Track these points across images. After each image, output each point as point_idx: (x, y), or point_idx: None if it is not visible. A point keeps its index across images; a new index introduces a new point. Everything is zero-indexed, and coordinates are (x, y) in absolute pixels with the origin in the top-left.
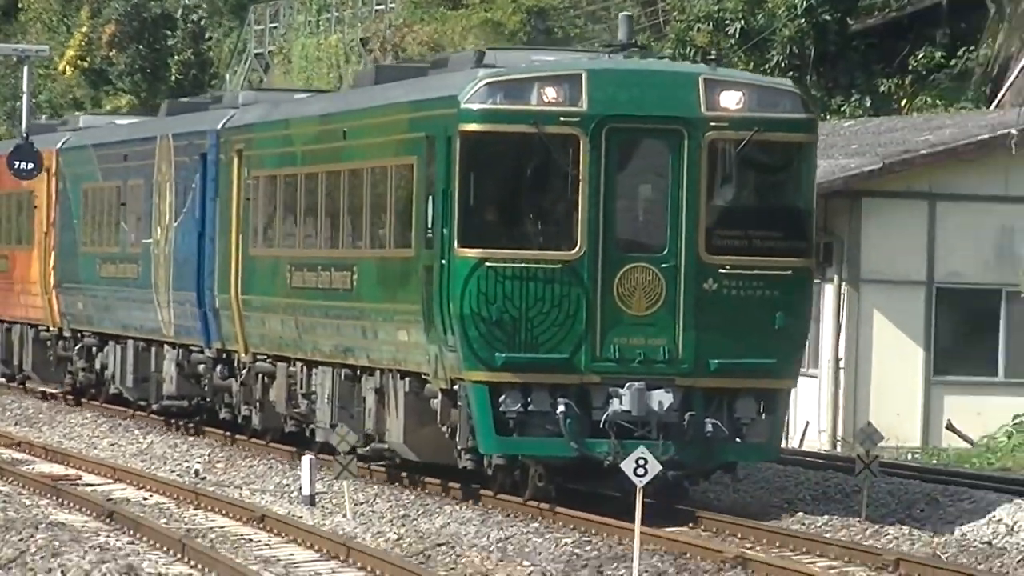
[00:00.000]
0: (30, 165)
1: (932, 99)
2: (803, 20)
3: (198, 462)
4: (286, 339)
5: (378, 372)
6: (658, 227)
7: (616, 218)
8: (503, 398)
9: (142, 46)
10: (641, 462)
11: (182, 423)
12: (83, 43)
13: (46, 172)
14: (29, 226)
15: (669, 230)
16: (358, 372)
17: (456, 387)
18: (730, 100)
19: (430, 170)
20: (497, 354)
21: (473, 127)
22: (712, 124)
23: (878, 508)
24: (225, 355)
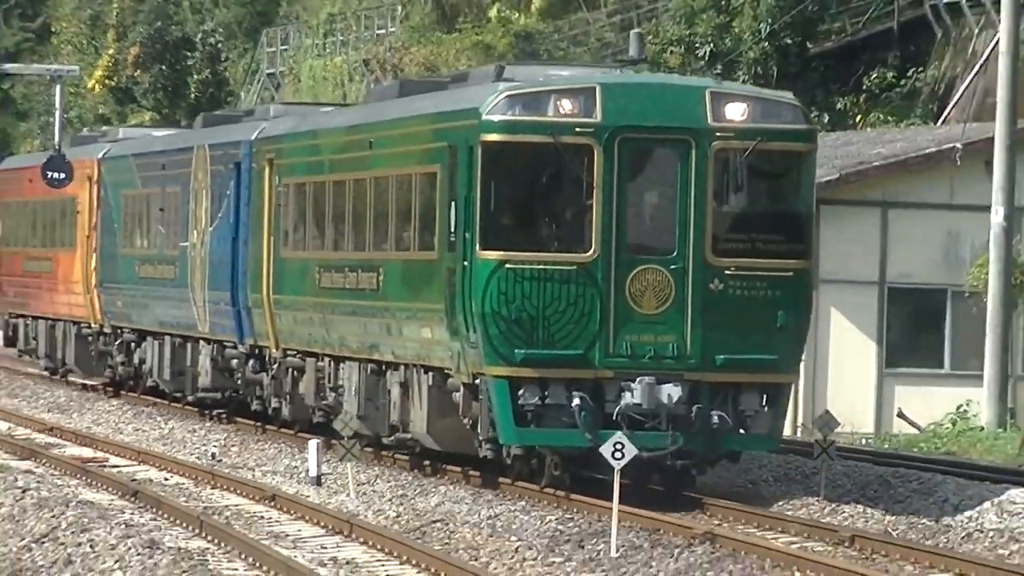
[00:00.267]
0: (62, 175)
1: (884, 116)
2: (767, 44)
3: (214, 446)
4: (315, 336)
5: (403, 367)
6: (667, 231)
7: (628, 222)
8: (522, 392)
9: (164, 66)
10: (619, 447)
11: (207, 412)
12: (110, 64)
13: (88, 180)
14: (72, 230)
15: (678, 234)
16: (383, 367)
17: (477, 381)
18: (735, 112)
19: (453, 177)
20: (516, 350)
21: (494, 137)
22: (718, 134)
23: (835, 489)
24: (257, 351)
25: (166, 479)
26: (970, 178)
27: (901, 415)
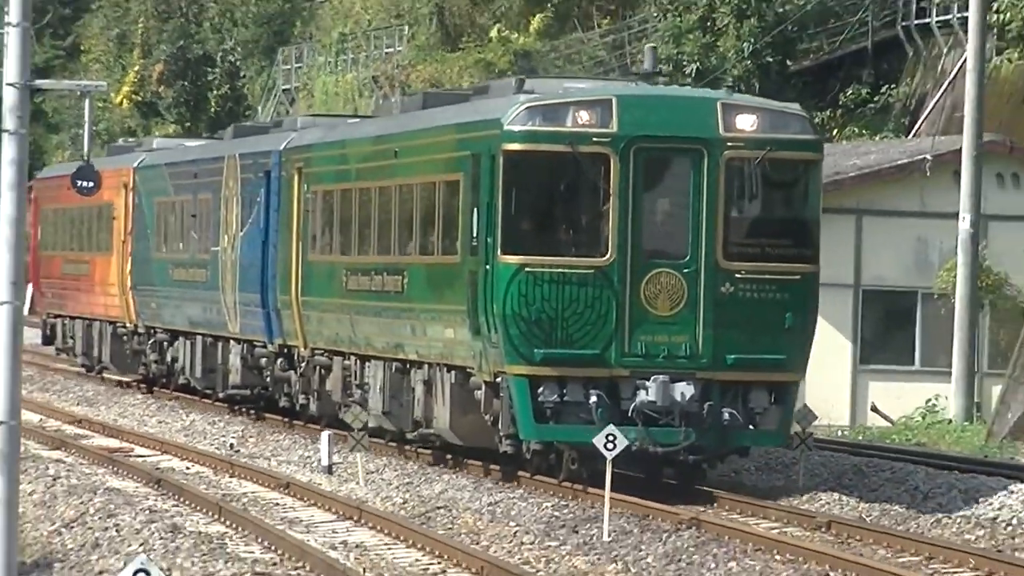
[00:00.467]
0: (90, 183)
1: (859, 129)
2: (749, 62)
3: (233, 437)
4: (342, 335)
5: (426, 366)
6: (680, 236)
7: (643, 228)
8: (541, 389)
9: (186, 82)
10: (611, 438)
11: (233, 407)
12: (136, 80)
13: (124, 187)
14: (108, 235)
15: (690, 239)
16: (407, 365)
17: (498, 379)
18: (745, 122)
19: (475, 185)
20: (536, 350)
21: (515, 146)
22: (729, 144)
23: (813, 478)
24: (285, 350)
25: (187, 468)
26: (939, 187)
27: (875, 409)
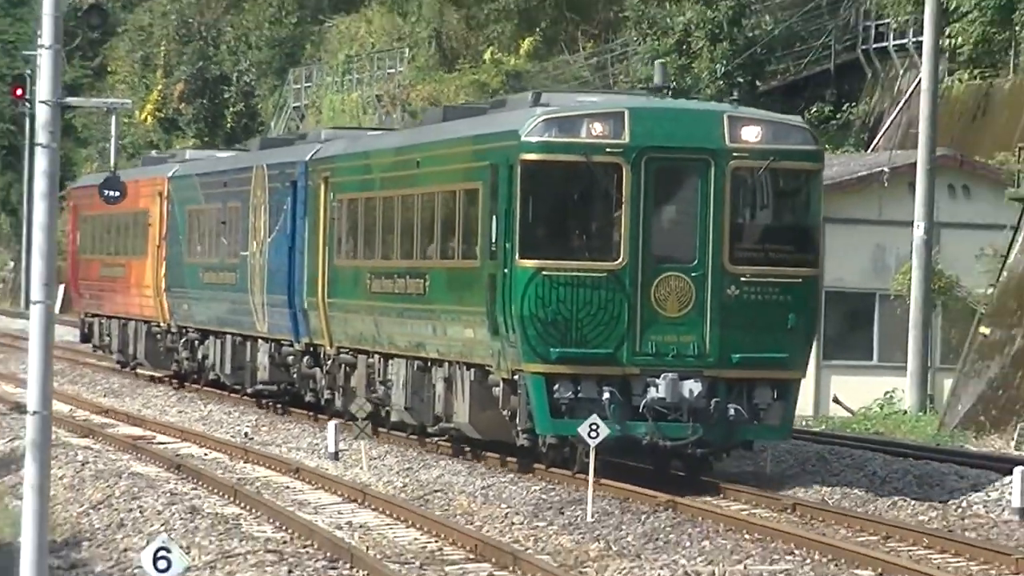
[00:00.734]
0: (116, 193)
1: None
2: (722, 82)
3: (247, 426)
4: (366, 335)
5: (447, 364)
6: (689, 241)
7: (653, 234)
8: (556, 386)
9: (205, 100)
10: (594, 427)
11: (266, 401)
12: (158, 98)
13: (159, 196)
14: (144, 240)
15: (698, 244)
16: (429, 363)
17: (516, 377)
18: (750, 134)
19: (494, 193)
20: (552, 349)
21: (532, 156)
22: (735, 154)
23: (779, 464)
24: (311, 348)
25: (205, 454)
26: (895, 198)
27: (836, 400)
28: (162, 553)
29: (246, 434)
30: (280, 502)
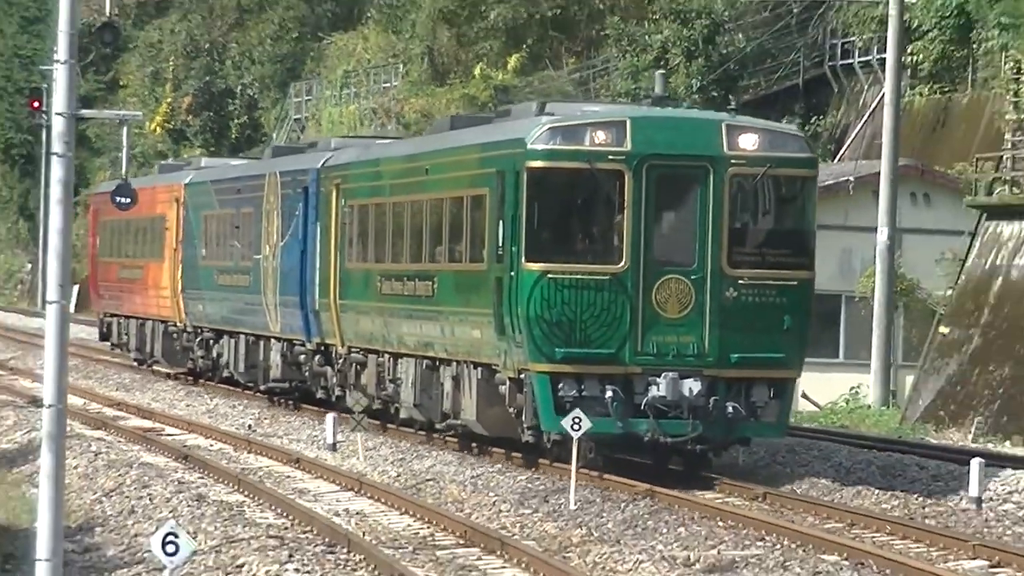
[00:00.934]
0: (127, 199)
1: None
2: (697, 96)
3: (250, 419)
4: (376, 335)
5: (454, 363)
6: (688, 245)
7: (654, 238)
8: (561, 385)
9: (211, 112)
10: (576, 420)
11: (277, 398)
12: (167, 110)
13: (175, 201)
14: (161, 244)
15: (697, 248)
16: (437, 362)
17: (522, 376)
18: (747, 142)
19: (500, 199)
20: (557, 349)
21: (537, 163)
22: (733, 162)
23: (751, 455)
24: (323, 347)
25: (211, 445)
26: (860, 205)
27: (805, 396)
28: (170, 538)
29: (249, 427)
30: (281, 490)
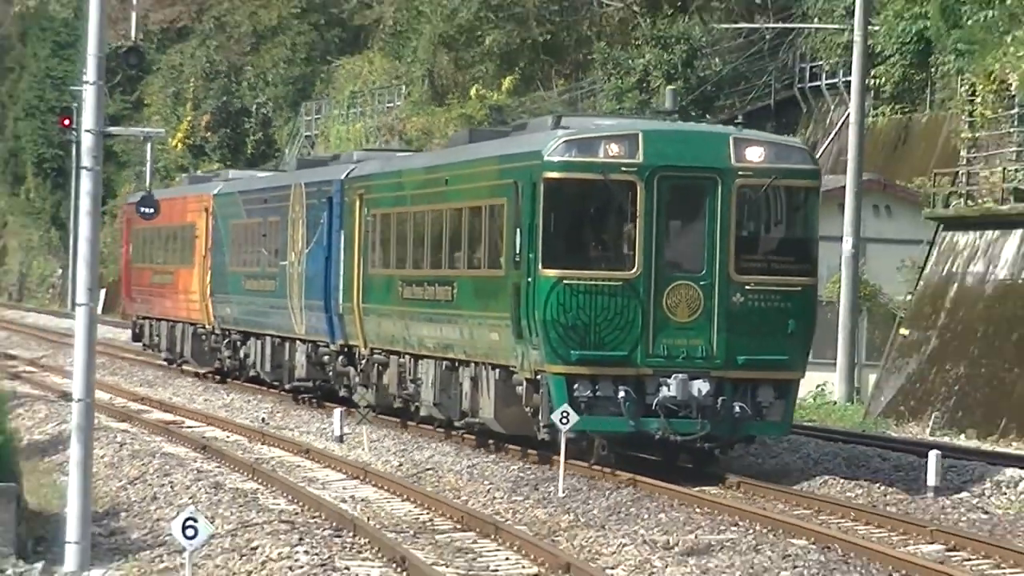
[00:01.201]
0: (151, 209)
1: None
2: (677, 116)
3: (264, 413)
4: (397, 337)
5: (473, 364)
6: (697, 253)
7: (665, 246)
8: (576, 386)
9: (228, 129)
10: (565, 415)
11: (300, 396)
12: (188, 127)
13: (205, 211)
14: (191, 251)
15: (706, 255)
16: (456, 364)
17: (538, 377)
18: (754, 154)
19: (518, 208)
20: (572, 352)
21: (554, 175)
22: (740, 173)
23: (727, 448)
24: (346, 349)
25: (227, 437)
26: (827, 216)
27: None
28: (190, 522)
29: (263, 420)
30: (292, 479)
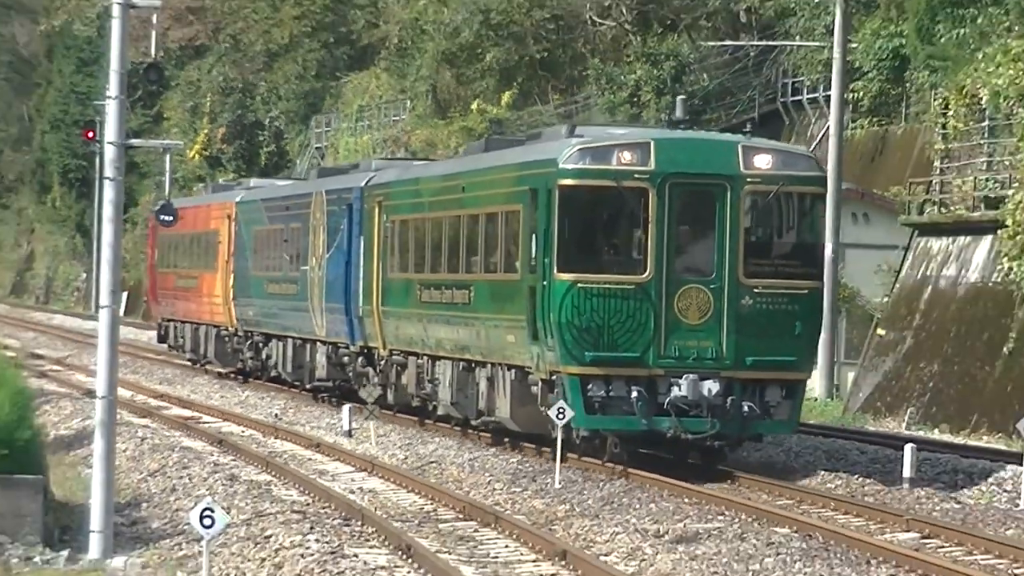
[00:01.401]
0: (170, 217)
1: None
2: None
3: (277, 409)
4: (416, 339)
5: (489, 365)
6: (708, 257)
7: (676, 250)
8: (590, 386)
9: (242, 141)
10: (561, 410)
11: (321, 395)
12: (204, 140)
13: (228, 218)
14: (214, 256)
15: (716, 259)
16: (472, 364)
17: (553, 377)
18: (762, 161)
19: (533, 214)
20: (586, 353)
21: (568, 182)
22: (748, 180)
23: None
24: (366, 350)
25: (242, 432)
26: None
27: None
28: (207, 512)
29: (276, 415)
30: (304, 471)
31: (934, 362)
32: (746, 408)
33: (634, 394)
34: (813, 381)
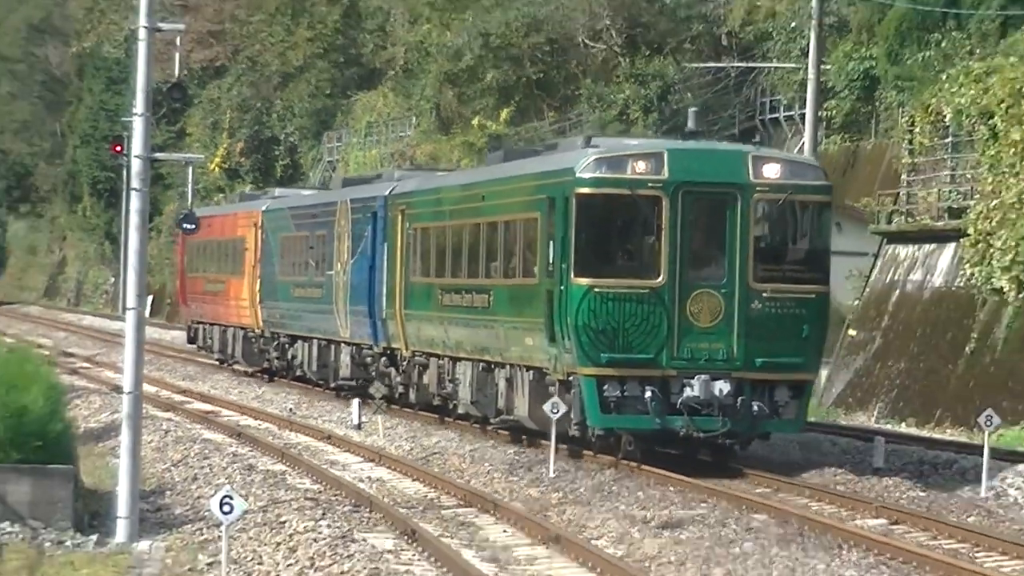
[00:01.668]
0: (192, 225)
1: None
2: None
3: (291, 403)
4: (437, 341)
5: (508, 366)
6: (719, 263)
7: (688, 256)
8: (605, 386)
9: (259, 155)
10: (555, 406)
11: (345, 393)
12: (224, 153)
13: (254, 226)
14: (241, 262)
15: (727, 265)
16: (492, 365)
17: (570, 378)
18: (771, 171)
19: (551, 221)
20: (602, 354)
21: (585, 190)
22: (758, 188)
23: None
24: (388, 351)
25: (259, 425)
26: None
27: None
28: (226, 499)
29: (290, 410)
30: (316, 461)
31: (901, 360)
32: (755, 408)
33: (648, 394)
34: None
